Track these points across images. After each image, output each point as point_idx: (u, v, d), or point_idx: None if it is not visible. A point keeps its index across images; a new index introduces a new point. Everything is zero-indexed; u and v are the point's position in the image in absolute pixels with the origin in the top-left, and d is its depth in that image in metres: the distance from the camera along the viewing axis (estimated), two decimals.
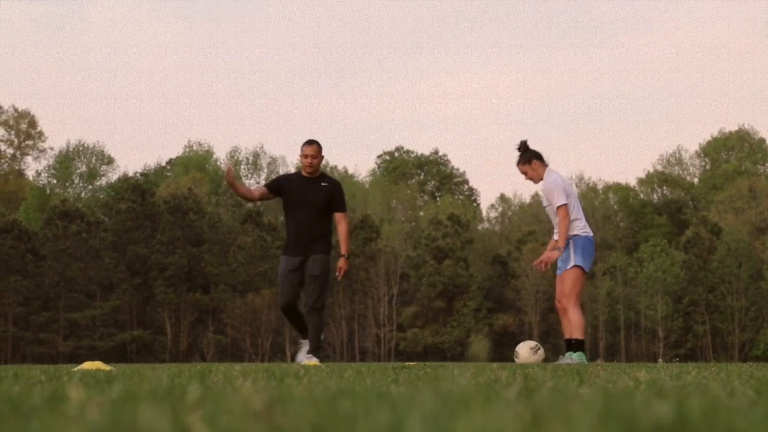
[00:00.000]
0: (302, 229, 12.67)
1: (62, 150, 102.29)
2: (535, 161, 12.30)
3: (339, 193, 12.76)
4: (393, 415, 1.74)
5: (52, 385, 3.67)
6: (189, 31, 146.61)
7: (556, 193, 12.14)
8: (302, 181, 12.72)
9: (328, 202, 12.66)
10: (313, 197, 12.58)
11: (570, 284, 12.23)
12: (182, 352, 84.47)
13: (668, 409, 1.77)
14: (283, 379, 4.37)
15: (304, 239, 12.68)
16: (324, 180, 12.76)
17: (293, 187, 12.70)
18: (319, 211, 12.62)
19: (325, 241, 12.82)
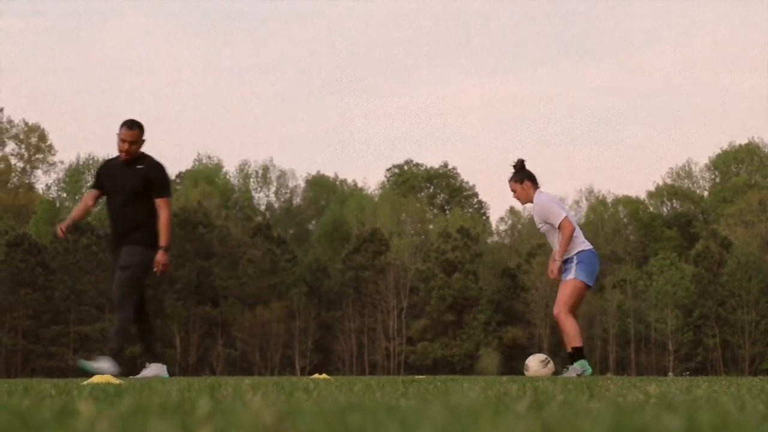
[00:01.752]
0: (115, 219, 11.36)
1: (72, 163, 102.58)
2: (528, 182, 12.35)
3: (157, 175, 11.33)
4: (403, 429, 1.74)
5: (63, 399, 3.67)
6: (199, 45, 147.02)
7: (552, 209, 12.18)
8: (118, 166, 11.38)
9: (144, 187, 11.20)
10: (125, 183, 11.22)
11: (567, 295, 12.09)
12: (191, 365, 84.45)
13: (679, 423, 1.77)
14: (293, 392, 4.37)
15: (118, 230, 11.35)
16: (140, 162, 11.33)
17: (108, 174, 11.43)
18: (133, 197, 11.20)
19: (142, 231, 11.25)
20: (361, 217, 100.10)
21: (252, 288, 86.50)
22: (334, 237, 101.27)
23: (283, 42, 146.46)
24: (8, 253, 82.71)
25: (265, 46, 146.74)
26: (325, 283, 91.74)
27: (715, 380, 8.63)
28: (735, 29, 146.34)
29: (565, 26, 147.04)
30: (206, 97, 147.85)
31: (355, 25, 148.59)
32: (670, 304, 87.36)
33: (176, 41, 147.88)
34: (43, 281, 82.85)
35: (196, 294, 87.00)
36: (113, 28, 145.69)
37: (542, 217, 12.25)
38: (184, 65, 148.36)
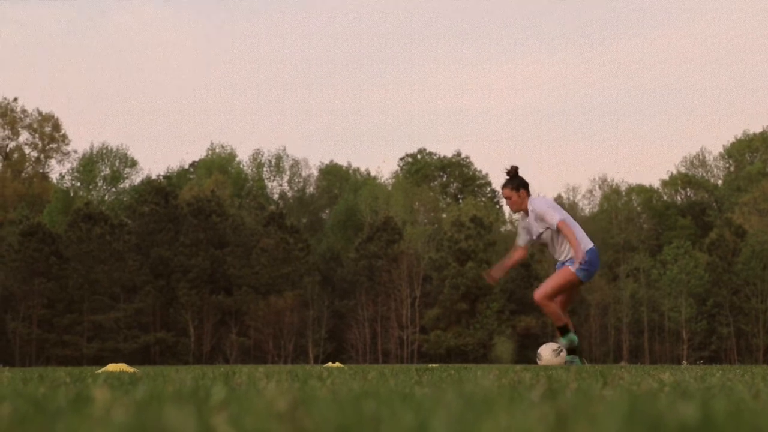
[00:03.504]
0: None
1: (86, 153, 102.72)
2: (523, 190, 12.18)
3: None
4: (417, 416, 1.74)
5: (77, 387, 3.69)
6: (212, 34, 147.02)
7: (549, 212, 11.96)
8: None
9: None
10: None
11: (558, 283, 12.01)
12: (205, 354, 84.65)
13: (693, 411, 1.77)
14: (307, 380, 4.38)
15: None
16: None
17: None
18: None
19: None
20: (374, 205, 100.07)
21: (265, 277, 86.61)
22: (348, 226, 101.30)
23: (297, 30, 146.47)
24: (22, 242, 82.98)
25: (279, 34, 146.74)
26: (339, 272, 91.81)
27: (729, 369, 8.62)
28: (750, 17, 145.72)
29: (579, 14, 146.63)
30: (220, 86, 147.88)
31: (368, 13, 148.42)
32: (684, 292, 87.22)
33: (190, 30, 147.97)
34: (57, 270, 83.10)
35: (210, 283, 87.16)
36: (127, 18, 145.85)
37: (542, 219, 12.03)
38: (198, 54, 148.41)
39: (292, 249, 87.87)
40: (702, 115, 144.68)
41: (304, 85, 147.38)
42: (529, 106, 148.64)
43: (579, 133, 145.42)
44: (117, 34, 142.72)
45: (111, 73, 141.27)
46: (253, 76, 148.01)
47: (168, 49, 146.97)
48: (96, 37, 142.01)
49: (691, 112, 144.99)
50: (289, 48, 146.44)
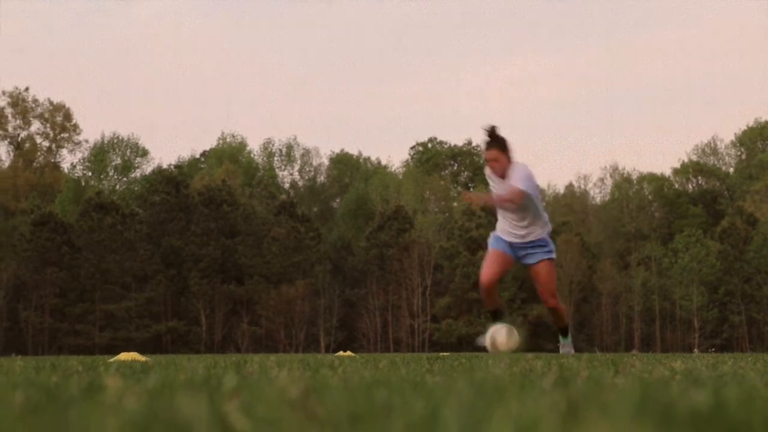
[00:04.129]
0: None
1: (97, 142, 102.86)
2: (509, 151, 10.94)
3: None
4: (428, 404, 1.74)
5: (90, 376, 3.70)
6: (222, 23, 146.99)
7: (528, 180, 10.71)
8: None
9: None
10: None
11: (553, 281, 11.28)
12: (217, 343, 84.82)
13: (705, 398, 1.77)
14: (318, 369, 4.38)
15: None
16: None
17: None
18: None
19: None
20: (385, 194, 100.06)
21: (276, 266, 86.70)
22: (358, 215, 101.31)
23: (308, 20, 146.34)
24: (34, 231, 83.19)
25: (290, 24, 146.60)
26: (350, 261, 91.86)
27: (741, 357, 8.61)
28: (762, 5, 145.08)
29: (588, 4, 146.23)
30: (230, 76, 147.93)
31: (380, 3, 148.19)
32: (696, 281, 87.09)
33: (200, 20, 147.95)
34: (68, 260, 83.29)
35: (221, 272, 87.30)
36: (138, 7, 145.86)
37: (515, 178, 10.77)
38: (209, 44, 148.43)
39: (303, 238, 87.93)
40: (714, 104, 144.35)
41: (315, 74, 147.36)
42: (541, 95, 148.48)
43: (590, 122, 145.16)
44: (128, 24, 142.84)
45: (122, 63, 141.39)
46: (263, 66, 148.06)
47: (179, 38, 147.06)
48: (107, 27, 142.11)
49: (702, 101, 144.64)
50: (300, 37, 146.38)
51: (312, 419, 1.46)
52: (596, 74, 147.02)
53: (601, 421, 1.33)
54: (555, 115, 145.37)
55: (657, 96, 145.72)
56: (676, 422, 1.36)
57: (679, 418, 1.39)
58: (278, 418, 1.45)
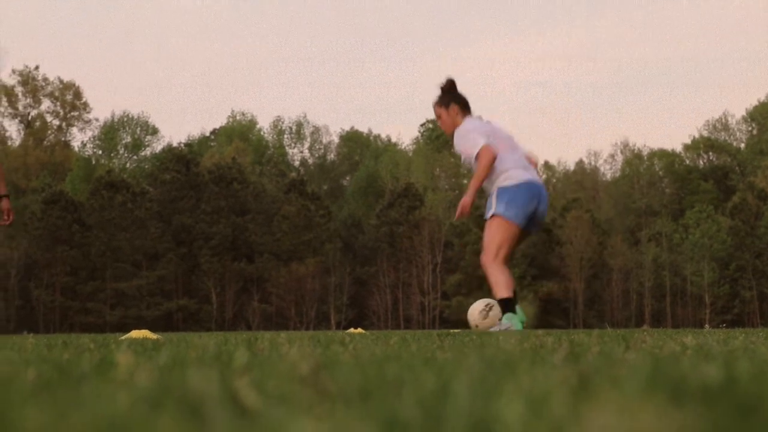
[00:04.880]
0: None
1: (107, 121, 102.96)
2: (455, 106, 10.18)
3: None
4: (439, 379, 1.75)
5: (101, 353, 3.71)
6: (233, 2, 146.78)
7: (469, 138, 9.93)
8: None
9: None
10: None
11: (490, 235, 9.96)
12: (228, 320, 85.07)
13: (716, 373, 1.77)
14: (329, 345, 4.39)
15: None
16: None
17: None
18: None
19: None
20: (395, 172, 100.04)
21: (287, 244, 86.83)
22: (369, 192, 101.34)
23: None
24: (45, 210, 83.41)
25: (299, 1, 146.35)
26: (360, 239, 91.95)
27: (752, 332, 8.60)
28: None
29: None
30: (240, 54, 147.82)
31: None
32: (707, 256, 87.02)
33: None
34: (79, 238, 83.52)
35: (232, 250, 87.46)
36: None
37: (457, 146, 10.13)
38: (218, 22, 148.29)
39: (313, 216, 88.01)
40: (725, 79, 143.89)
41: (325, 51, 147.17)
42: (550, 72, 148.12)
43: (600, 98, 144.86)
44: (137, 2, 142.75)
45: (131, 41, 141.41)
46: (273, 43, 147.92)
47: (189, 17, 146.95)
48: (116, 5, 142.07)
49: (713, 76, 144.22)
50: (310, 15, 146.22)
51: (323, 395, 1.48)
52: (607, 51, 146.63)
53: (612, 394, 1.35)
54: (565, 92, 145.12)
55: (668, 72, 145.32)
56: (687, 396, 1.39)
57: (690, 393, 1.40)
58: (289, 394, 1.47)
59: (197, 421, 1.09)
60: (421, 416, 1.09)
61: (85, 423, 1.03)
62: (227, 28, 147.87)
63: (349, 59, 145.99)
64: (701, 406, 1.20)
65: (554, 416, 1.07)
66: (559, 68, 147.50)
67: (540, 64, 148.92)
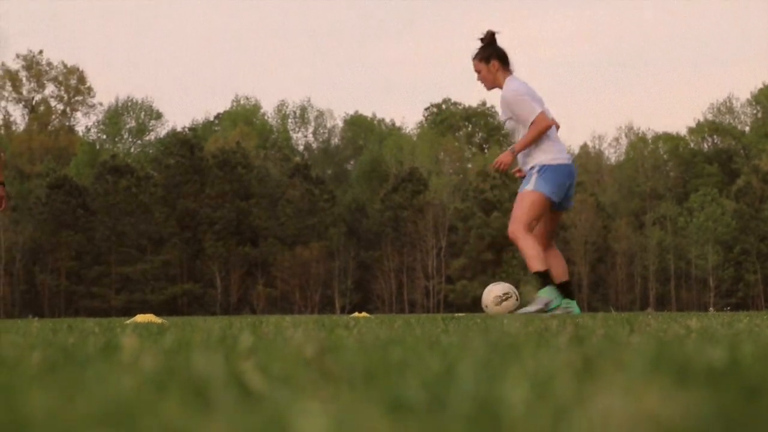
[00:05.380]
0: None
1: (111, 105, 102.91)
2: (495, 61, 9.96)
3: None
4: (444, 362, 1.75)
5: (106, 336, 3.72)
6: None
7: (525, 101, 9.83)
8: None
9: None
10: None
11: (523, 208, 9.92)
12: (232, 305, 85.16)
13: (721, 355, 1.77)
14: (334, 329, 4.40)
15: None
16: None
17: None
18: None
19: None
20: (399, 156, 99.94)
21: (291, 228, 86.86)
22: (373, 177, 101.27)
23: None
24: (49, 194, 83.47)
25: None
26: (364, 223, 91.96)
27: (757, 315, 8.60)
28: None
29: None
30: (244, 38, 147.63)
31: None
32: (711, 240, 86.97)
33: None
34: (84, 223, 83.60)
35: (236, 234, 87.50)
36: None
37: (510, 109, 9.89)
38: (222, 6, 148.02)
39: (318, 200, 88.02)
40: (729, 62, 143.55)
41: (329, 35, 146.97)
42: (554, 55, 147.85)
43: (605, 81, 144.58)
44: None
45: (135, 25, 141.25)
46: (277, 27, 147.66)
47: (193, 1, 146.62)
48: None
49: (718, 59, 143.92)
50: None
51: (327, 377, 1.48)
52: (612, 33, 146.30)
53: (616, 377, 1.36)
54: (569, 75, 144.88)
55: (672, 55, 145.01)
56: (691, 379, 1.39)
57: (695, 375, 1.40)
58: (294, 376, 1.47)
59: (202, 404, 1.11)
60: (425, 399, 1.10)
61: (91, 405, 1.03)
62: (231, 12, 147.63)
63: (353, 43, 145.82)
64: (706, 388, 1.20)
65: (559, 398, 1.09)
66: (562, 51, 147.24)
67: (543, 46, 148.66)
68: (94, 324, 7.08)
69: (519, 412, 0.96)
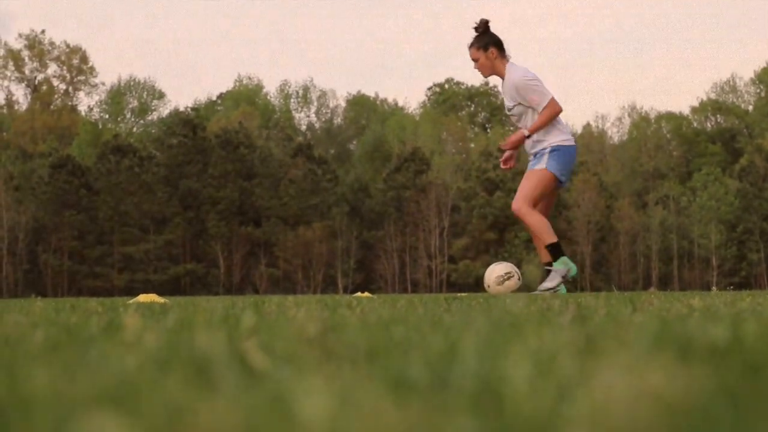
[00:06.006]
0: None
1: (114, 85, 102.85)
2: (493, 49, 10.09)
3: None
4: (447, 340, 1.75)
5: (109, 316, 3.72)
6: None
7: (537, 87, 9.98)
8: None
9: None
10: None
11: (532, 185, 10.16)
12: (235, 285, 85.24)
13: (723, 333, 1.77)
14: (336, 309, 4.40)
15: None
16: None
17: None
18: None
19: None
20: (402, 136, 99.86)
21: (294, 208, 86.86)
22: (375, 157, 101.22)
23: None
24: (52, 174, 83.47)
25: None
26: (367, 203, 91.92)
27: (760, 294, 8.60)
28: None
29: None
30: (246, 18, 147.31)
31: None
32: (714, 219, 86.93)
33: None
34: (86, 202, 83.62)
35: (239, 214, 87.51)
36: None
37: (521, 95, 10.04)
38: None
39: (320, 180, 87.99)
40: (733, 41, 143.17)
41: (331, 15, 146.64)
42: (557, 34, 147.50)
43: (607, 60, 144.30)
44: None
45: (138, 5, 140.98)
46: (279, 7, 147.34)
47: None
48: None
49: (721, 38, 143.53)
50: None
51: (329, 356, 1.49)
52: (614, 12, 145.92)
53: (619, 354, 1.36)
54: (572, 54, 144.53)
55: (675, 34, 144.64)
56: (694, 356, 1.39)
57: (697, 352, 1.41)
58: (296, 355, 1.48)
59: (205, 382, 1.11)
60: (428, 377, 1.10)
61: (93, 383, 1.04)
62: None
63: (356, 23, 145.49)
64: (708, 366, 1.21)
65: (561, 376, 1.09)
66: (562, 30, 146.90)
67: (546, 25, 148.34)
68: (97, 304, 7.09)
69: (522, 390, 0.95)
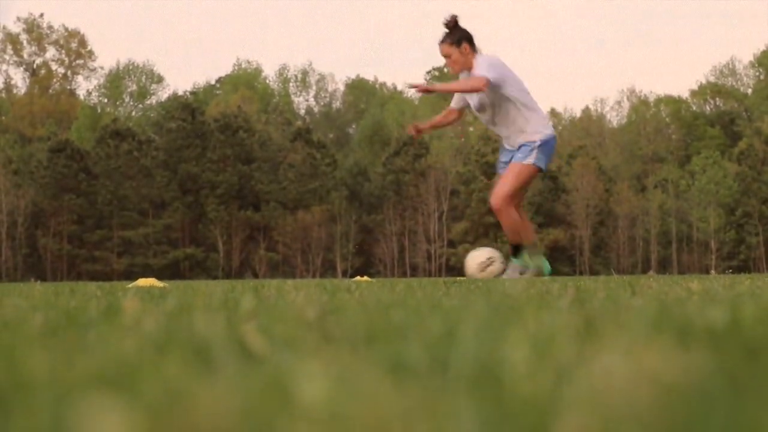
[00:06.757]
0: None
1: (112, 69, 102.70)
2: (466, 44, 9.79)
3: None
4: (446, 324, 1.75)
5: (108, 300, 3.72)
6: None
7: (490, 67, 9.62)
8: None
9: None
10: None
11: (516, 180, 10.01)
12: (234, 269, 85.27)
13: (722, 316, 1.77)
14: (335, 293, 4.41)
15: None
16: None
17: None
18: None
19: None
20: (401, 120, 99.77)
21: (293, 192, 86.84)
22: (374, 141, 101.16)
23: None
24: (51, 158, 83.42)
25: None
26: (366, 187, 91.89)
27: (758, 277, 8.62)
28: None
29: None
30: (245, 2, 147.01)
31: None
32: (713, 203, 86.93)
33: None
34: (86, 186, 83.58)
35: (238, 198, 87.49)
36: None
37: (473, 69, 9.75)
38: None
39: (319, 164, 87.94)
40: (732, 24, 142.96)
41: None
42: (556, 18, 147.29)
43: (606, 44, 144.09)
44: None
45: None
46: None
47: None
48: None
49: (720, 21, 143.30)
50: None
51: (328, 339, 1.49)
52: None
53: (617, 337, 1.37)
54: (571, 37, 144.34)
55: (674, 17, 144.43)
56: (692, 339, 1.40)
57: (696, 335, 1.42)
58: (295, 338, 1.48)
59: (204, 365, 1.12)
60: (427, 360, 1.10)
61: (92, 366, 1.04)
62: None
63: (355, 6, 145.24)
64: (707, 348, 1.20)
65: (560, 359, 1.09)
66: (561, 13, 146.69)
67: (545, 8, 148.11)
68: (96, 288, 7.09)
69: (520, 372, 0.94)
